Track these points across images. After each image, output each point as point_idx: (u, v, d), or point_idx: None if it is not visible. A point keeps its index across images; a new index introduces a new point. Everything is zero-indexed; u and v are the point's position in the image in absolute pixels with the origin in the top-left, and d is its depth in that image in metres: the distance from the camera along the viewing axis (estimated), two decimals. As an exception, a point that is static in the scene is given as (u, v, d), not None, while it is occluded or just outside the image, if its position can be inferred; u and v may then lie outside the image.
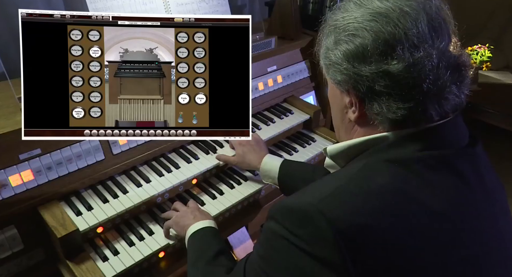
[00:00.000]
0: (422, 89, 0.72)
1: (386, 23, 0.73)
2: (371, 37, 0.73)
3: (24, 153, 1.19)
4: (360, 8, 0.77)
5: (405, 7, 0.74)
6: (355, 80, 0.76)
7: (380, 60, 0.73)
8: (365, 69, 0.74)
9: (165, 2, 1.50)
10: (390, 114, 0.75)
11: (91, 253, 1.21)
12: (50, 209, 1.22)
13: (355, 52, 0.75)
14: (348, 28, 0.76)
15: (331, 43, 0.80)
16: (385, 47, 0.72)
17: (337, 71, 0.79)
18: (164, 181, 1.40)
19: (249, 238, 1.87)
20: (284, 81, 1.91)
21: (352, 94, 0.79)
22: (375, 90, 0.74)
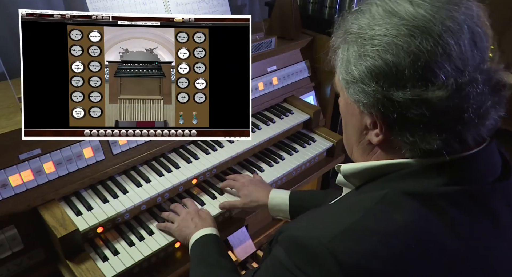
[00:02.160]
0: (463, 119, 0.63)
1: (426, 41, 0.61)
2: (408, 57, 0.62)
3: (24, 153, 1.19)
4: (392, 17, 0.65)
5: (446, 20, 0.62)
6: (383, 105, 0.65)
7: (418, 86, 0.62)
8: (398, 94, 0.63)
9: (165, 2, 1.50)
10: (423, 145, 0.65)
11: (91, 253, 1.21)
12: (50, 209, 1.22)
13: (386, 72, 0.64)
14: (378, 41, 0.64)
15: (354, 56, 0.68)
16: (425, 71, 0.61)
17: (361, 91, 0.68)
18: (164, 181, 1.40)
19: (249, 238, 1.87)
20: (284, 81, 1.91)
21: (377, 117, 0.69)
22: (407, 118, 0.64)
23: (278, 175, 1.57)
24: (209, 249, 1.12)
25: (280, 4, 1.88)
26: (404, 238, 0.63)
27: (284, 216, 1.31)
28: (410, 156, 0.69)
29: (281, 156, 1.67)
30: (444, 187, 0.66)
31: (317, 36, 1.99)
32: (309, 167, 1.73)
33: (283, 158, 1.67)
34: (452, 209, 0.65)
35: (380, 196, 0.67)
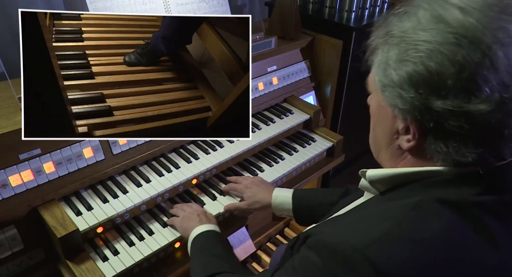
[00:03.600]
0: (503, 134, 0.62)
1: (474, 51, 0.59)
2: (452, 67, 0.59)
3: (24, 153, 1.19)
4: (439, 23, 0.62)
5: (497, 30, 0.59)
6: (421, 113, 0.64)
7: (460, 97, 0.60)
8: (438, 103, 0.61)
9: (165, 2, 1.50)
10: (458, 157, 0.64)
11: (91, 253, 1.21)
12: (50, 209, 1.22)
13: (427, 80, 0.62)
14: (421, 47, 0.62)
15: (394, 59, 0.66)
16: (470, 83, 0.59)
17: (399, 96, 0.66)
18: (164, 181, 1.40)
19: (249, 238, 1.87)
20: (284, 81, 1.91)
21: (411, 124, 0.67)
22: (444, 128, 0.62)
23: (278, 175, 1.58)
24: (213, 242, 1.12)
25: (280, 4, 1.88)
26: (439, 247, 0.62)
27: (288, 214, 1.32)
28: (441, 165, 0.68)
29: (281, 156, 1.68)
30: (479, 196, 0.65)
31: (317, 36, 1.99)
32: (309, 167, 1.73)
33: (283, 158, 1.67)
34: (488, 219, 0.64)
35: (413, 203, 0.66)
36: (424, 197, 0.66)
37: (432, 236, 0.62)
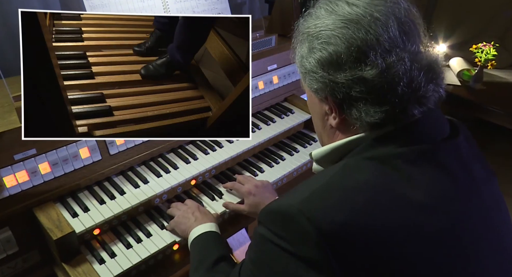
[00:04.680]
0: (396, 92, 0.75)
1: (358, 30, 0.75)
2: (344, 45, 0.75)
3: (19, 154, 1.19)
4: (331, 15, 0.79)
5: (375, 12, 0.76)
6: (331, 88, 0.78)
7: (354, 67, 0.75)
8: (340, 76, 0.76)
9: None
10: (368, 118, 0.77)
11: (87, 255, 1.21)
12: (46, 210, 1.21)
13: (329, 60, 0.77)
14: (321, 35, 0.78)
15: (305, 51, 0.82)
16: (359, 54, 0.75)
17: (313, 79, 0.81)
18: (162, 182, 1.40)
19: (249, 240, 1.87)
20: (284, 80, 1.91)
21: (330, 101, 0.81)
22: (351, 96, 0.77)
23: (279, 176, 1.57)
24: (208, 249, 1.13)
25: (281, 1, 1.88)
26: (366, 191, 0.72)
27: None
28: (362, 132, 0.80)
29: (281, 156, 1.67)
30: (398, 148, 0.76)
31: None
32: (310, 168, 1.72)
33: (283, 158, 1.67)
34: (408, 166, 0.75)
35: (342, 164, 0.78)
36: (352, 158, 0.79)
37: (357, 184, 0.73)
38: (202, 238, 1.17)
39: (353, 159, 0.79)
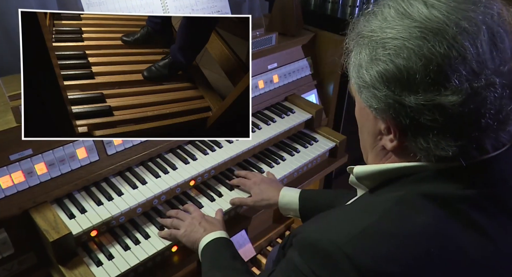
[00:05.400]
0: (480, 125, 0.62)
1: (439, 43, 0.61)
2: (419, 61, 0.61)
3: (15, 154, 1.18)
4: (404, 19, 0.64)
5: (462, 20, 0.61)
6: (395, 110, 0.66)
7: (430, 90, 0.62)
8: (410, 98, 0.63)
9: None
10: (438, 151, 0.65)
11: (84, 257, 1.20)
12: (42, 211, 1.21)
13: (397, 77, 0.64)
14: (389, 44, 0.65)
15: (365, 60, 0.69)
16: (438, 75, 0.61)
17: (373, 96, 0.68)
18: (161, 182, 1.39)
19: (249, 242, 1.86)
20: (285, 79, 1.90)
21: (391, 122, 0.69)
22: (421, 123, 0.64)
23: (279, 176, 1.57)
24: (221, 253, 1.12)
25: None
26: (423, 242, 0.62)
27: (294, 215, 1.33)
28: (424, 161, 0.69)
29: (282, 156, 1.67)
30: (464, 190, 0.66)
31: (319, 33, 1.98)
32: (311, 168, 1.72)
33: (284, 159, 1.66)
34: (474, 212, 0.65)
35: (397, 197, 0.67)
36: (408, 192, 0.67)
37: (414, 231, 0.63)
38: (214, 244, 1.16)
39: (407, 192, 0.67)
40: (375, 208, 0.68)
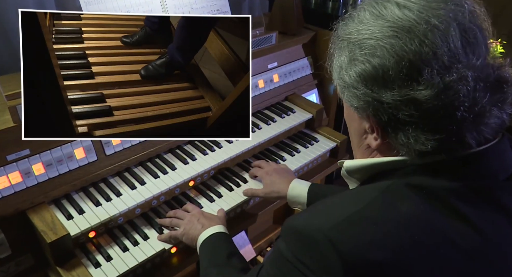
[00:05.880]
0: (455, 118, 0.64)
1: (410, 40, 0.63)
2: (392, 58, 0.64)
3: (12, 154, 1.18)
4: (378, 20, 0.67)
5: (432, 18, 0.64)
6: (374, 107, 0.68)
7: (404, 86, 0.64)
8: (387, 95, 0.66)
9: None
10: (418, 146, 0.66)
11: (82, 259, 1.20)
12: (40, 212, 1.21)
13: (373, 75, 0.67)
14: (364, 45, 0.68)
15: (345, 62, 0.72)
16: (410, 70, 0.64)
17: (354, 95, 0.71)
18: (160, 183, 1.39)
19: (249, 243, 1.86)
20: (285, 79, 1.90)
21: (372, 121, 0.72)
22: (399, 119, 0.66)
23: (279, 177, 1.56)
24: (218, 248, 1.13)
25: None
26: (408, 229, 0.64)
27: (302, 208, 1.34)
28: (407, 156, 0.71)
29: (282, 157, 1.67)
30: (450, 182, 0.67)
31: (320, 31, 1.98)
32: (312, 169, 1.72)
33: (284, 159, 1.66)
34: (460, 204, 0.66)
35: (384, 186, 0.69)
36: (396, 182, 0.69)
37: (399, 219, 0.64)
38: (211, 239, 1.16)
39: (394, 183, 0.69)
40: (361, 197, 0.70)
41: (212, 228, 1.19)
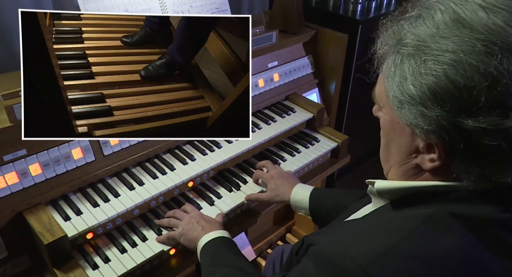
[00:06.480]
0: None
1: (507, 60, 0.54)
2: (485, 82, 0.54)
3: (9, 154, 1.18)
4: (462, 29, 0.57)
5: None
6: (448, 132, 0.59)
7: (495, 114, 0.55)
8: (469, 121, 0.56)
9: (160, -6, 1.50)
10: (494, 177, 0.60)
11: (80, 260, 1.20)
12: (37, 213, 1.20)
13: (454, 96, 0.56)
14: (443, 58, 0.57)
15: (411, 72, 0.61)
16: (506, 98, 0.55)
17: (421, 115, 0.60)
18: (159, 183, 1.39)
19: (249, 244, 1.86)
20: (285, 78, 1.90)
21: (437, 144, 0.62)
22: (477, 148, 0.58)
23: (280, 177, 1.56)
24: (224, 251, 1.11)
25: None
26: (451, 266, 0.59)
27: (305, 213, 1.34)
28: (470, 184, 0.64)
29: (282, 157, 1.66)
30: (498, 213, 0.62)
31: (321, 30, 1.98)
32: (313, 169, 1.72)
33: (284, 159, 1.66)
34: (508, 236, 0.62)
35: (425, 216, 0.63)
36: (438, 211, 0.63)
37: (443, 254, 0.60)
38: (214, 243, 1.15)
39: (436, 211, 0.63)
40: (399, 226, 0.64)
41: (215, 232, 1.18)
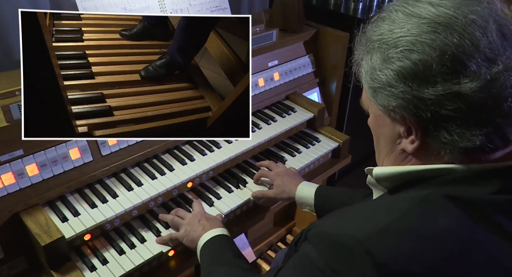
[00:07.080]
0: (502, 109, 0.64)
1: (450, 34, 0.64)
2: (434, 52, 0.64)
3: (5, 154, 1.17)
4: (412, 18, 0.68)
5: (469, 14, 0.65)
6: (415, 105, 0.67)
7: (448, 79, 0.64)
8: (428, 91, 0.65)
9: (159, -7, 1.50)
10: (464, 143, 0.66)
11: (77, 262, 1.20)
12: (34, 214, 1.20)
13: (413, 71, 0.66)
14: (400, 43, 0.68)
15: (378, 62, 0.71)
16: (454, 64, 0.64)
17: (391, 95, 0.70)
18: (157, 184, 1.38)
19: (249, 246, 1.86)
20: (286, 77, 1.90)
21: (410, 121, 0.70)
22: (442, 115, 0.66)
23: (280, 178, 1.56)
24: (222, 250, 1.13)
25: (282, -6, 1.87)
26: (447, 243, 0.63)
27: (310, 210, 1.36)
28: (451, 159, 0.70)
29: (282, 157, 1.66)
30: (493, 195, 0.66)
31: (322, 29, 1.98)
32: (313, 169, 1.72)
33: (285, 159, 1.66)
34: (501, 218, 0.65)
35: (421, 196, 0.68)
36: (433, 192, 0.68)
37: (437, 232, 0.64)
38: (213, 242, 1.16)
39: (431, 193, 0.68)
40: (397, 206, 0.69)
41: (214, 230, 1.19)
